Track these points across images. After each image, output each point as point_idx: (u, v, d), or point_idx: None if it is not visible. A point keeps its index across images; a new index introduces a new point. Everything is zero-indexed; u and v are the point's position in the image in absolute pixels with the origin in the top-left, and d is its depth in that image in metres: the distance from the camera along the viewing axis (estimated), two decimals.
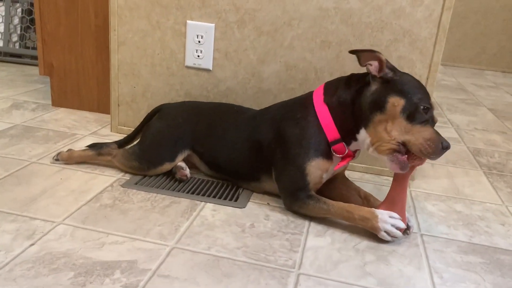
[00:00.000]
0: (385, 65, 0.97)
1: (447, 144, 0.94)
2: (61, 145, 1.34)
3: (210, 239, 0.92)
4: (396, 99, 0.95)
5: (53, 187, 1.08)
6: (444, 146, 0.94)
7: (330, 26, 1.25)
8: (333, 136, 1.02)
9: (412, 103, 0.94)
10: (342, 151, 1.02)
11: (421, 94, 0.96)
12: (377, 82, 0.98)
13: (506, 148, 1.71)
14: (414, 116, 0.94)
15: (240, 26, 1.30)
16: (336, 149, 1.02)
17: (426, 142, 0.93)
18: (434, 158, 0.95)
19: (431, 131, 0.95)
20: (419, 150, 0.94)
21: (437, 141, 0.93)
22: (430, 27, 1.20)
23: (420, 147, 0.93)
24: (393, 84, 0.97)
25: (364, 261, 0.89)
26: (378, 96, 0.97)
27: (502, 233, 1.06)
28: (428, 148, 0.93)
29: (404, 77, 0.99)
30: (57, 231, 0.89)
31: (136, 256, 0.84)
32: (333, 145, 1.02)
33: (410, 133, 0.94)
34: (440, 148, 0.93)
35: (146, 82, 1.41)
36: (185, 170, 1.16)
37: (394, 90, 0.96)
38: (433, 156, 0.94)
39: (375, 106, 0.97)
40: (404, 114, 0.94)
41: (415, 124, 0.94)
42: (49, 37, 1.63)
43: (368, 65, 0.98)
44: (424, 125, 0.95)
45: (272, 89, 1.33)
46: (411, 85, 0.97)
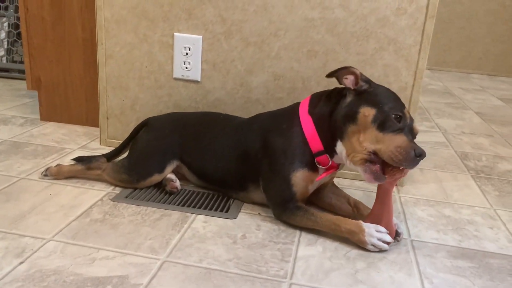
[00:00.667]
0: (359, 78, 0.99)
1: (420, 152, 0.92)
2: (50, 160, 1.33)
3: (201, 251, 0.92)
4: (367, 109, 0.96)
5: (42, 203, 1.07)
6: (417, 154, 0.92)
7: (316, 36, 1.26)
8: (317, 147, 1.02)
9: (383, 112, 0.95)
10: (326, 162, 1.03)
11: (393, 103, 0.97)
12: (352, 94, 1.00)
13: (493, 151, 1.74)
14: (386, 125, 0.94)
15: (227, 38, 1.31)
16: (320, 161, 1.03)
17: (396, 149, 0.92)
18: (407, 166, 0.93)
19: (403, 139, 0.94)
20: (390, 157, 0.93)
21: (408, 148, 0.92)
22: (414, 35, 1.22)
23: (390, 154, 0.93)
24: (366, 96, 0.98)
25: (355, 269, 0.90)
26: (350, 108, 0.98)
27: (490, 237, 1.07)
28: (398, 155, 0.92)
29: (378, 89, 1.00)
30: (47, 248, 0.89)
31: (127, 271, 0.83)
32: (317, 156, 1.02)
33: (381, 141, 0.94)
34: (412, 155, 0.91)
35: (134, 95, 1.42)
36: (175, 182, 1.16)
37: (366, 101, 0.97)
38: (405, 163, 0.92)
39: (348, 118, 0.98)
40: (375, 123, 0.95)
41: (387, 133, 0.94)
42: (36, 51, 1.62)
43: (344, 79, 1.00)
44: (397, 133, 0.94)
45: (260, 99, 1.34)
46: (383, 96, 0.98)
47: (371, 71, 1.26)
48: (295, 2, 1.24)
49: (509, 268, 0.94)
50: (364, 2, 1.21)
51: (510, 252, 1.01)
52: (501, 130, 2.07)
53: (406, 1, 1.20)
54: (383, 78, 1.26)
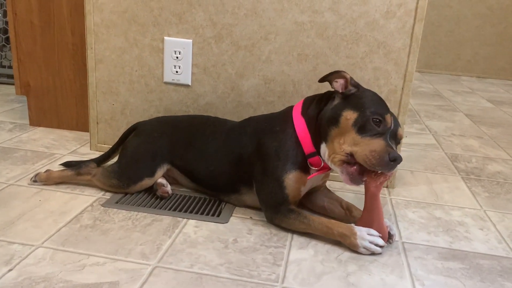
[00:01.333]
0: (349, 82, 1.01)
1: (394, 156, 0.92)
2: (40, 165, 1.32)
3: (193, 256, 0.91)
4: (349, 113, 0.97)
5: (31, 209, 1.06)
6: (391, 158, 0.92)
7: (306, 39, 1.27)
8: (309, 149, 1.03)
9: (364, 115, 0.96)
10: (318, 163, 1.03)
11: (376, 108, 0.97)
12: (339, 97, 1.02)
13: (483, 153, 1.75)
14: (365, 129, 0.95)
15: (217, 41, 1.31)
16: (312, 162, 1.03)
17: (371, 153, 0.93)
18: (382, 169, 0.93)
19: (379, 143, 0.94)
20: (364, 161, 0.94)
21: (382, 153, 0.92)
22: (403, 38, 1.23)
23: (364, 158, 0.93)
24: (352, 99, 1.00)
25: (347, 272, 0.90)
26: (335, 111, 1.00)
27: (481, 238, 1.08)
28: (372, 159, 0.93)
29: (364, 93, 1.01)
30: (36, 255, 0.88)
31: (118, 277, 0.83)
32: (309, 157, 1.03)
33: (358, 144, 0.95)
34: (386, 159, 0.91)
35: (124, 99, 1.41)
36: (166, 187, 1.15)
37: (350, 105, 0.99)
38: (379, 167, 0.93)
39: (332, 120, 0.99)
40: (356, 126, 0.96)
41: (365, 137, 0.95)
42: (25, 56, 1.61)
43: (334, 82, 1.02)
44: (375, 137, 0.95)
45: (251, 103, 1.34)
46: (367, 100, 0.99)
47: (361, 74, 1.27)
48: (285, 6, 1.25)
49: (499, 269, 0.95)
50: (354, 6, 1.22)
51: (500, 253, 1.01)
52: (491, 131, 2.09)
53: (395, 5, 1.21)
54: (373, 81, 1.27)
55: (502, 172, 1.55)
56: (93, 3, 1.33)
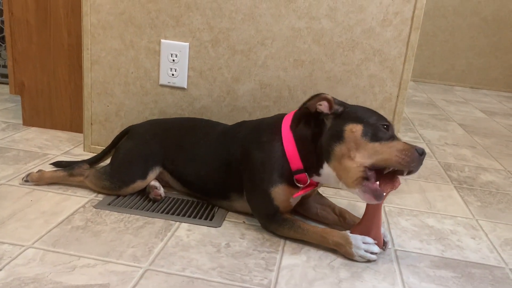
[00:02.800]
0: (333, 102, 0.98)
1: (422, 150, 0.92)
2: (32, 165, 1.31)
3: (184, 260, 0.91)
4: (352, 125, 0.95)
5: (22, 210, 1.05)
6: (420, 152, 0.91)
7: (303, 45, 1.27)
8: (296, 165, 1.00)
9: (371, 124, 0.94)
10: (304, 181, 1.01)
11: (376, 116, 0.97)
12: (331, 118, 0.99)
13: (476, 163, 1.76)
14: (378, 135, 0.93)
15: (214, 45, 1.31)
16: (299, 179, 1.01)
17: (401, 153, 0.91)
18: (414, 167, 0.91)
19: (401, 143, 0.93)
20: (398, 162, 0.91)
21: (412, 149, 0.91)
22: (399, 46, 1.24)
23: (397, 159, 0.90)
24: (346, 115, 0.97)
25: (339, 278, 0.89)
26: (334, 129, 0.97)
27: (473, 247, 1.08)
28: (406, 158, 0.90)
29: (354, 107, 1.00)
30: (26, 256, 0.87)
31: (109, 280, 0.82)
32: (296, 174, 1.01)
33: (381, 152, 0.92)
34: (417, 154, 0.91)
35: (119, 101, 1.40)
36: (159, 190, 1.15)
37: (348, 119, 0.96)
38: (413, 164, 0.90)
39: (334, 138, 0.96)
40: (367, 136, 0.93)
41: (383, 142, 0.93)
42: (20, 55, 1.60)
43: (318, 105, 0.99)
44: (392, 140, 0.94)
45: (246, 107, 1.34)
46: (363, 111, 0.98)
47: (357, 81, 1.28)
48: (282, 11, 1.25)
49: (491, 278, 0.95)
50: (350, 13, 1.23)
51: (491, 262, 1.02)
52: (484, 141, 2.10)
53: (391, 13, 1.22)
54: (368, 89, 1.28)
55: (494, 182, 1.56)
56: (90, 4, 1.33)
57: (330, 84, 1.29)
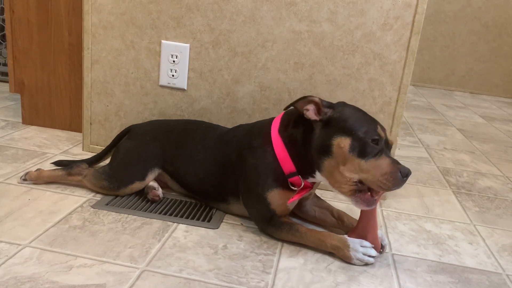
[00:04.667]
0: (321, 105, 0.95)
1: (406, 172, 0.90)
2: (31, 164, 1.30)
3: (181, 261, 0.90)
4: (340, 140, 0.92)
5: (20, 208, 1.05)
6: (404, 174, 0.90)
7: (303, 48, 1.27)
8: (288, 169, 1.00)
9: (359, 138, 0.91)
10: (299, 183, 1.01)
11: (366, 126, 0.93)
12: (319, 125, 0.96)
13: (474, 168, 1.76)
14: (365, 152, 0.91)
15: (215, 47, 1.31)
16: (293, 182, 1.01)
17: (384, 176, 0.89)
18: (396, 189, 0.91)
19: (387, 162, 0.91)
20: (378, 186, 0.90)
21: (395, 172, 0.89)
22: (399, 51, 1.24)
23: (379, 183, 0.90)
24: (335, 123, 0.94)
25: (336, 282, 0.89)
26: (323, 140, 0.94)
27: (470, 252, 1.08)
28: (386, 183, 0.89)
29: (344, 112, 0.95)
30: (22, 254, 0.87)
31: (105, 280, 0.82)
32: (289, 177, 1.01)
33: (365, 170, 0.91)
34: (400, 178, 0.89)
35: (119, 101, 1.40)
36: (157, 190, 1.15)
37: (337, 130, 0.93)
38: (394, 188, 0.90)
39: (323, 151, 0.94)
40: (354, 151, 0.91)
41: (369, 159, 0.91)
42: (20, 54, 1.60)
43: (305, 111, 0.96)
44: (378, 157, 0.91)
45: (246, 109, 1.34)
46: (353, 120, 0.94)
47: (357, 85, 1.28)
48: (283, 14, 1.25)
49: (488, 284, 0.95)
50: (351, 17, 1.23)
51: (488, 268, 1.02)
52: (482, 147, 2.10)
53: (392, 17, 1.22)
54: (368, 92, 1.28)
55: (492, 187, 1.56)
56: (92, 3, 1.33)
57: (330, 87, 1.29)
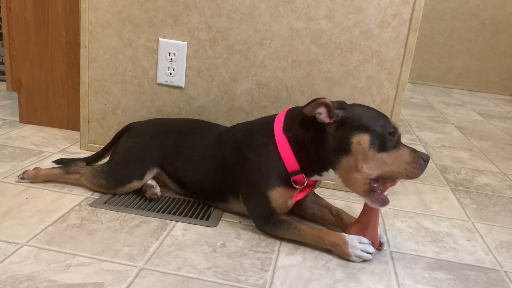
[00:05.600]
0: (332, 107, 0.95)
1: (427, 157, 0.94)
2: (28, 163, 1.30)
3: (180, 259, 0.90)
4: (359, 137, 0.92)
5: (18, 207, 1.04)
6: (425, 159, 0.93)
7: (301, 46, 1.27)
8: (292, 167, 1.00)
9: (378, 133, 0.92)
10: (302, 182, 1.01)
11: (382, 120, 0.94)
12: (333, 126, 0.95)
13: (472, 165, 1.76)
14: (385, 145, 0.92)
15: (212, 45, 1.31)
16: (296, 180, 1.01)
17: (410, 165, 0.92)
18: (421, 173, 0.93)
19: (407, 152, 0.93)
20: (406, 175, 0.92)
21: (418, 159, 0.92)
22: (397, 48, 1.24)
23: (406, 172, 0.92)
24: (350, 122, 0.94)
25: (335, 279, 0.89)
26: (340, 140, 0.94)
27: (468, 249, 1.08)
28: (414, 170, 0.92)
29: (356, 111, 0.96)
30: (20, 253, 0.86)
31: (103, 278, 0.82)
32: (292, 176, 1.00)
33: (389, 163, 0.92)
34: (423, 164, 0.93)
35: (117, 99, 1.40)
36: (155, 189, 1.14)
37: (354, 128, 0.93)
38: (420, 174, 0.93)
39: (341, 150, 0.94)
40: (374, 147, 0.92)
41: (390, 152, 0.92)
42: (17, 52, 1.59)
43: (318, 114, 0.95)
44: (398, 148, 0.93)
45: (244, 107, 1.34)
46: (368, 116, 0.95)
47: (354, 83, 1.28)
48: (281, 11, 1.25)
49: (486, 281, 0.95)
50: (349, 14, 1.23)
51: (486, 264, 1.02)
52: (480, 144, 2.11)
53: (389, 15, 1.22)
54: (366, 90, 1.28)
55: (490, 184, 1.56)
56: (89, 1, 1.33)
57: (328, 85, 1.29)
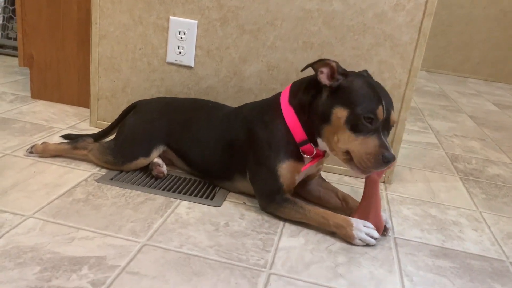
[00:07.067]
0: (336, 71, 0.95)
1: (389, 157, 0.90)
2: (37, 138, 1.31)
3: (183, 237, 0.91)
4: (339, 110, 0.93)
5: (25, 180, 1.05)
6: (385, 160, 0.90)
7: (313, 27, 1.25)
8: (300, 137, 1.01)
9: (355, 114, 0.92)
10: (311, 151, 1.02)
11: (366, 103, 0.92)
12: (327, 91, 0.97)
13: (484, 155, 1.74)
14: (357, 128, 0.92)
15: (223, 24, 1.29)
16: (305, 150, 1.02)
17: (366, 156, 0.91)
18: (374, 171, 0.93)
19: (374, 144, 0.91)
20: (359, 163, 0.93)
21: (378, 155, 0.90)
22: (411, 32, 1.21)
23: (360, 160, 0.92)
24: (341, 93, 0.95)
25: (336, 263, 0.89)
26: (325, 108, 0.96)
27: (474, 239, 1.07)
28: (367, 162, 0.91)
29: (354, 84, 0.95)
30: (26, 225, 0.88)
31: (106, 252, 0.82)
32: (301, 146, 1.02)
33: (353, 145, 0.93)
34: (380, 162, 0.90)
35: (126, 77, 1.40)
36: (162, 167, 1.15)
37: (339, 100, 0.94)
38: (373, 169, 0.92)
39: (324, 118, 0.96)
40: (348, 125, 0.93)
41: (359, 135, 0.92)
42: (29, 28, 1.60)
43: (319, 73, 0.96)
44: (370, 135, 0.92)
45: (253, 89, 1.33)
46: (358, 94, 0.93)
47: (366, 66, 1.25)
48: None
49: (490, 270, 0.94)
50: None
51: (492, 254, 1.01)
52: (493, 134, 2.07)
53: None
54: (377, 74, 1.26)
55: (501, 175, 1.54)
56: None
57: None
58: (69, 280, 0.74)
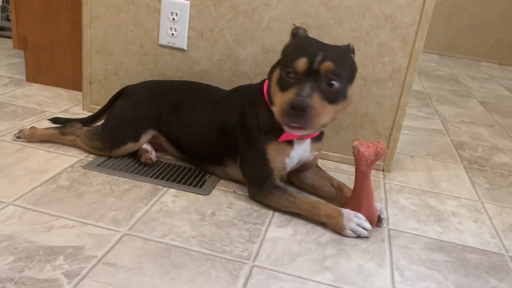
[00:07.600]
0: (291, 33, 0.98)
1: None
2: (28, 122, 1.29)
3: (166, 226, 0.88)
4: (275, 74, 0.94)
5: (10, 166, 1.03)
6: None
7: (310, 8, 1.19)
8: None
9: (282, 71, 0.92)
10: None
11: (289, 59, 0.91)
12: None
13: (491, 143, 1.67)
14: (283, 85, 0.91)
15: (216, 4, 1.24)
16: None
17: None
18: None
19: (285, 96, 0.88)
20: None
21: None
22: (413, 13, 1.15)
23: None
24: (282, 54, 0.97)
25: (324, 255, 0.85)
26: (272, 70, 0.97)
27: (473, 231, 1.02)
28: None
29: (293, 42, 0.96)
30: (5, 213, 0.85)
31: (84, 242, 0.80)
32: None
33: (278, 101, 0.91)
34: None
35: (119, 60, 1.36)
36: (151, 154, 1.12)
37: (280, 61, 0.96)
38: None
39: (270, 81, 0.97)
40: (278, 85, 0.92)
41: (284, 92, 0.90)
42: (23, 8, 1.56)
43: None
44: (289, 90, 0.89)
45: (248, 73, 1.28)
46: (289, 52, 0.94)
47: (366, 50, 1.20)
48: None
49: (487, 265, 0.90)
50: None
51: (491, 248, 0.96)
52: (503, 121, 2.00)
53: None
54: (377, 58, 1.20)
55: (508, 163, 1.48)
56: None
57: None
58: (43, 271, 0.71)
